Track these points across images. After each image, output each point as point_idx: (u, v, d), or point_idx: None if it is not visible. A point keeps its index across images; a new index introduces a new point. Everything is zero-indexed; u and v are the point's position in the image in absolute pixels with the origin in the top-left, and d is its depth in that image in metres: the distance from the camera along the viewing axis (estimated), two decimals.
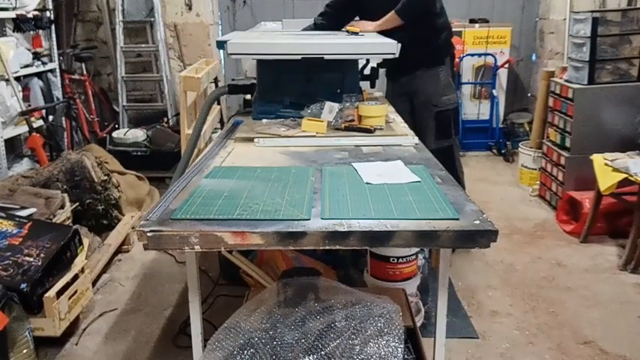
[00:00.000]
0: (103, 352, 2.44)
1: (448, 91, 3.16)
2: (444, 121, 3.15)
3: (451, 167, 3.06)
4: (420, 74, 3.14)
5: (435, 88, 3.13)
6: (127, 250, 3.40)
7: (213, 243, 1.32)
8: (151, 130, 4.87)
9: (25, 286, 2.26)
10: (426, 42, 3.08)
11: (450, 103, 3.15)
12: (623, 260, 3.10)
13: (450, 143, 3.19)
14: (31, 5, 4.23)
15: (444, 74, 3.16)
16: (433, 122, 3.12)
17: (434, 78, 3.13)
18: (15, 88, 3.90)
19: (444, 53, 3.19)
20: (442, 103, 3.13)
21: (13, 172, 3.79)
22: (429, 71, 3.13)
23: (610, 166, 3.18)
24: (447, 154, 3.05)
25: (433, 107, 3.12)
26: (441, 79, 3.14)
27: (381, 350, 1.44)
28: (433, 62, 3.13)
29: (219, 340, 1.49)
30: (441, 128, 3.14)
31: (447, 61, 3.19)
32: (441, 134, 3.14)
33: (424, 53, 3.07)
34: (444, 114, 3.14)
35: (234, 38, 2.51)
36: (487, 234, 1.31)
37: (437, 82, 3.13)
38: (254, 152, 2.05)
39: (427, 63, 3.12)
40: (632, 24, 3.60)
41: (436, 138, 3.12)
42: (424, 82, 3.14)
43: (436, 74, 3.14)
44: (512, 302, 2.77)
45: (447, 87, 3.17)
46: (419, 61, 3.09)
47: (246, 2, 5.81)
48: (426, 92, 3.14)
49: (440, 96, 3.12)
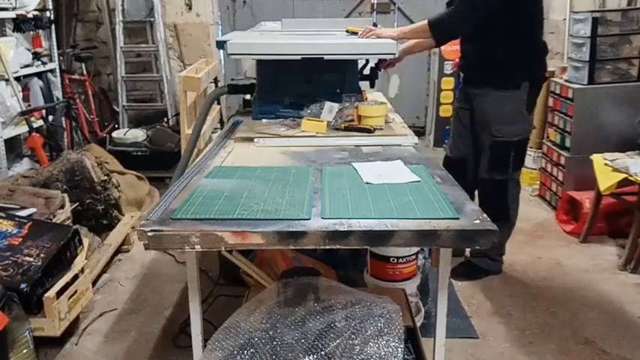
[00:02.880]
0: (103, 352, 2.44)
1: (515, 120, 2.67)
2: (502, 153, 2.72)
3: (500, 204, 2.78)
4: (484, 92, 2.70)
5: (498, 114, 2.67)
6: (127, 250, 3.40)
7: (214, 242, 1.32)
8: (150, 130, 4.87)
9: (25, 286, 2.26)
10: (494, 57, 2.63)
11: (513, 134, 2.69)
12: (623, 260, 3.10)
13: (504, 178, 2.77)
14: (31, 5, 4.23)
15: (514, 101, 2.64)
16: (488, 150, 2.75)
17: (499, 102, 2.66)
18: (15, 88, 3.90)
19: (520, 75, 2.63)
20: (503, 134, 2.67)
21: (13, 172, 3.79)
22: (497, 93, 2.66)
23: (610, 166, 3.17)
24: (499, 189, 2.76)
25: (491, 135, 2.71)
26: (507, 105, 2.65)
27: (381, 350, 1.44)
28: (505, 84, 2.64)
29: (219, 340, 1.50)
30: (495, 160, 2.75)
31: (524, 85, 2.63)
32: (495, 166, 2.75)
33: (491, 70, 2.65)
34: (502, 145, 2.70)
35: (234, 38, 2.51)
36: (487, 234, 1.31)
37: (501, 108, 2.65)
38: (254, 152, 2.05)
39: (494, 82, 2.66)
40: (632, 24, 3.60)
41: (489, 169, 2.77)
42: (486, 103, 2.70)
43: (504, 98, 2.65)
44: (512, 302, 2.77)
45: (516, 115, 2.67)
46: (484, 77, 2.69)
47: (246, 2, 5.81)
48: (485, 115, 2.72)
49: (502, 124, 2.67)
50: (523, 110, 2.68)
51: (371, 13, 5.89)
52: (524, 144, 2.81)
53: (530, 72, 2.67)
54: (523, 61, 2.63)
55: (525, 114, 2.70)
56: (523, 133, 2.73)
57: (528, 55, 2.65)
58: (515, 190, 2.88)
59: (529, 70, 2.67)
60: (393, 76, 3.07)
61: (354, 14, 5.87)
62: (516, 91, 2.64)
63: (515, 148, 2.73)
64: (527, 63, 2.65)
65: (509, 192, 2.81)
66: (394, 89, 3.05)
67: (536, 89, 2.71)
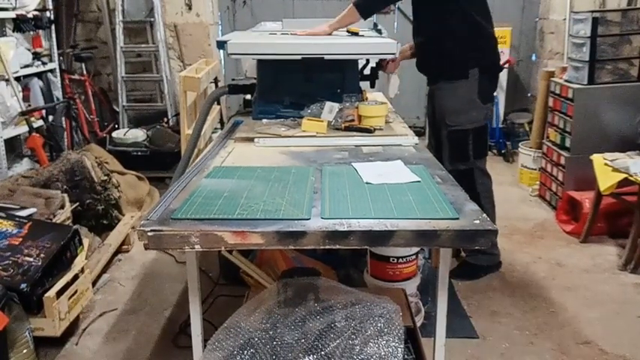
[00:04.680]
0: (103, 352, 2.44)
1: (468, 109, 2.75)
2: (460, 142, 2.80)
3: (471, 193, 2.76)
4: (440, 86, 2.83)
5: (451, 105, 2.77)
6: (127, 250, 3.40)
7: (214, 242, 1.32)
8: (150, 130, 4.87)
9: (25, 286, 2.26)
10: (445, 49, 2.74)
11: (469, 122, 2.76)
12: (623, 260, 3.10)
13: (469, 167, 2.82)
14: (31, 5, 4.23)
15: (465, 89, 2.74)
16: (447, 142, 2.84)
17: (451, 92, 2.77)
18: (15, 88, 3.90)
19: (469, 64, 2.72)
20: (457, 123, 2.76)
21: (13, 172, 3.80)
22: (448, 84, 2.78)
23: (610, 166, 3.18)
24: (465, 178, 2.64)
25: (446, 126, 2.81)
26: (459, 94, 2.74)
27: (381, 350, 1.44)
28: (453, 74, 2.76)
29: (219, 340, 1.49)
30: (456, 150, 2.82)
31: (472, 73, 2.72)
32: (457, 156, 2.81)
33: (443, 62, 2.77)
34: (458, 134, 2.78)
35: (234, 38, 2.51)
36: (487, 234, 1.31)
37: (454, 98, 2.76)
38: (254, 152, 2.05)
39: (447, 75, 2.78)
40: (632, 24, 3.61)
41: (450, 159, 2.80)
42: (441, 96, 2.83)
43: (454, 89, 2.76)
44: (512, 302, 2.77)
45: (468, 104, 2.75)
46: (439, 71, 2.82)
47: (246, 2, 5.81)
48: (441, 108, 2.83)
49: (455, 114, 2.76)
50: (475, 98, 2.74)
51: None
52: (483, 132, 2.86)
53: (478, 60, 2.73)
54: (470, 50, 2.71)
55: (478, 102, 2.76)
56: (478, 121, 2.78)
57: (474, 44, 2.72)
58: (483, 180, 2.91)
59: (477, 59, 2.73)
60: (393, 76, 3.06)
61: None
62: (465, 80, 2.72)
63: (473, 137, 2.79)
64: (475, 51, 2.72)
65: (476, 181, 2.84)
66: (394, 89, 3.05)
67: (487, 78, 2.78)
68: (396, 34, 5.66)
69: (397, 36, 5.34)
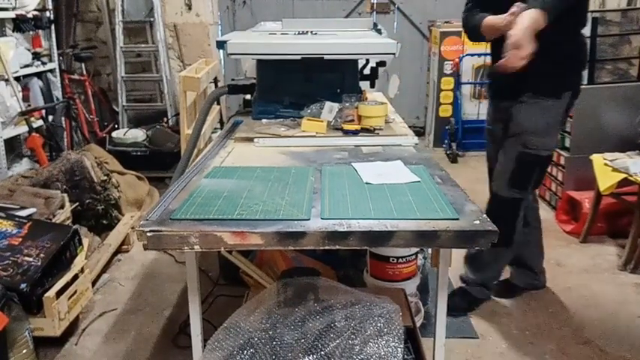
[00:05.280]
0: (103, 352, 2.44)
1: (549, 132, 2.43)
2: (528, 167, 2.46)
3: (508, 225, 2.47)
4: (522, 100, 2.40)
5: (534, 125, 2.38)
6: (126, 250, 3.40)
7: (213, 243, 1.32)
8: (150, 130, 4.87)
9: (25, 286, 2.26)
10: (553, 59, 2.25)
11: (544, 148, 2.42)
12: (623, 260, 3.10)
13: (521, 197, 2.50)
14: (30, 5, 4.23)
15: (554, 111, 2.39)
16: (512, 163, 2.45)
17: (538, 110, 2.37)
18: (15, 88, 3.90)
19: (566, 84, 2.39)
20: (534, 146, 2.40)
21: (13, 172, 3.80)
22: (535, 100, 2.37)
23: (610, 166, 3.18)
24: (511, 207, 2.50)
25: (522, 146, 2.41)
26: (547, 114, 2.37)
27: (381, 350, 1.44)
28: (547, 90, 2.36)
29: (219, 340, 1.49)
30: (519, 174, 2.47)
31: (565, 95, 2.38)
32: (517, 182, 2.47)
33: (537, 74, 2.22)
34: (530, 158, 2.42)
35: (234, 38, 2.51)
36: (487, 234, 1.31)
37: (539, 118, 2.37)
38: (254, 152, 2.05)
39: (538, 89, 2.36)
40: (632, 24, 3.61)
41: (510, 183, 2.47)
42: (523, 112, 2.40)
43: (542, 107, 2.37)
44: (512, 302, 2.77)
45: (551, 128, 2.42)
46: (526, 82, 2.31)
47: (246, 2, 5.81)
48: (520, 125, 2.42)
49: (536, 136, 2.39)
50: (558, 123, 2.47)
51: (371, 13, 5.90)
52: (549, 161, 2.62)
53: (575, 81, 2.45)
54: (572, 69, 2.41)
55: (559, 128, 2.54)
56: (551, 149, 2.51)
57: (579, 64, 2.44)
58: (535, 215, 2.71)
59: (575, 82, 2.44)
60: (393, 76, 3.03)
61: (353, 14, 5.88)
62: (557, 100, 2.38)
63: (541, 165, 2.51)
64: (576, 72, 2.44)
65: (518, 214, 2.54)
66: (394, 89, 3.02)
67: (572, 104, 2.49)
68: (396, 34, 5.67)
69: (397, 36, 5.35)
